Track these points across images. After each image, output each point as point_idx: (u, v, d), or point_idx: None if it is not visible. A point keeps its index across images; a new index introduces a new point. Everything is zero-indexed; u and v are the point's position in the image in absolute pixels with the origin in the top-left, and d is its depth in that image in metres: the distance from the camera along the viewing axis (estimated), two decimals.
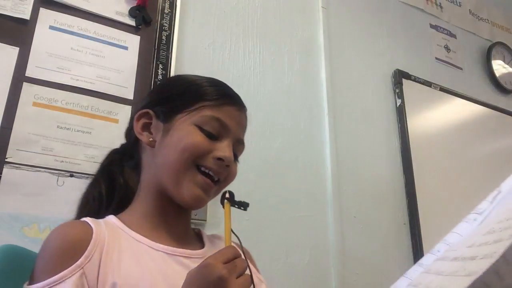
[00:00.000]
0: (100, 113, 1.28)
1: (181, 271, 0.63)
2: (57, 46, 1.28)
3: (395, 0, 2.17)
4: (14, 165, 1.13)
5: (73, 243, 0.60)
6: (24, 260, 0.66)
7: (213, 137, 0.69)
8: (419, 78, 2.03)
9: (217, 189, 0.71)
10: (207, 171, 0.68)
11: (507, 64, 2.47)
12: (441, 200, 1.82)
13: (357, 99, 1.85)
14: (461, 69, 2.29)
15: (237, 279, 0.54)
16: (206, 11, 1.59)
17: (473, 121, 2.16)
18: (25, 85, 1.20)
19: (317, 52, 1.80)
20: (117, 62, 1.35)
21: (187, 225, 0.76)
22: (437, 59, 2.21)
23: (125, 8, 1.41)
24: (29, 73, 1.22)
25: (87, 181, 0.78)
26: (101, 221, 0.67)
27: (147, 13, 1.43)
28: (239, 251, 0.58)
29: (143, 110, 0.74)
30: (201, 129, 0.68)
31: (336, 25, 1.90)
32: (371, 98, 1.89)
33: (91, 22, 1.35)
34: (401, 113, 1.90)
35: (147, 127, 0.73)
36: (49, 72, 1.24)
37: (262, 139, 1.54)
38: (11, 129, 1.15)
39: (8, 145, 1.13)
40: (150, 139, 0.71)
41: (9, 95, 1.17)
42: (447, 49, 2.28)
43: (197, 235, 0.78)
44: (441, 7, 2.36)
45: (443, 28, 2.32)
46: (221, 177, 0.70)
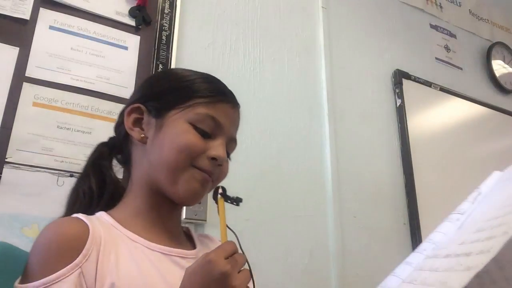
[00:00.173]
0: (100, 113, 1.28)
1: (177, 271, 0.64)
2: (57, 46, 1.28)
3: (395, 0, 2.17)
4: (14, 165, 1.13)
5: (70, 241, 0.58)
6: (14, 258, 0.63)
7: (206, 135, 0.68)
8: (419, 78, 2.03)
9: (211, 186, 0.71)
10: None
11: (507, 64, 2.47)
12: (441, 200, 1.81)
13: (357, 99, 1.85)
14: (461, 69, 2.29)
15: (238, 273, 0.54)
16: (206, 11, 1.59)
17: (473, 121, 2.16)
18: (25, 85, 1.20)
19: (317, 52, 1.80)
20: (117, 62, 1.35)
21: (178, 223, 0.76)
22: (437, 59, 2.21)
23: (125, 8, 1.41)
24: (29, 73, 1.22)
25: None
26: (94, 218, 0.65)
27: (147, 13, 1.43)
28: (237, 246, 0.58)
29: (134, 104, 0.72)
30: (195, 127, 0.67)
31: (336, 25, 1.90)
32: (371, 98, 1.89)
33: (91, 22, 1.35)
34: (401, 113, 1.90)
35: (138, 122, 0.71)
36: (49, 72, 1.24)
37: (262, 139, 1.54)
38: (11, 129, 1.15)
39: (8, 145, 1.13)
40: (141, 136, 0.70)
41: (9, 95, 1.17)
42: (447, 49, 2.28)
43: (185, 234, 0.78)
44: (441, 7, 2.36)
45: (443, 28, 2.32)
46: (214, 177, 0.70)
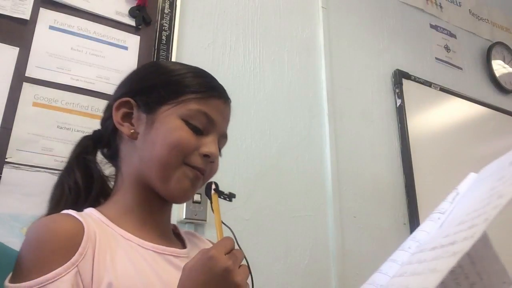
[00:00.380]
0: (100, 113, 1.24)
1: (172, 270, 0.63)
2: (57, 46, 1.28)
3: (395, 0, 2.17)
4: (14, 165, 1.13)
5: (65, 238, 0.56)
6: (6, 257, 0.58)
7: (199, 131, 0.67)
8: (419, 78, 2.03)
9: (202, 183, 0.70)
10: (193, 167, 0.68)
11: (507, 64, 2.47)
12: (441, 200, 1.81)
13: (357, 99, 1.85)
14: (461, 69, 2.29)
15: (239, 269, 0.54)
16: (206, 11, 1.59)
17: (473, 121, 2.16)
18: (25, 85, 1.20)
19: (317, 52, 1.80)
20: (117, 62, 1.35)
21: (168, 221, 0.75)
22: (437, 59, 2.21)
23: (125, 8, 1.41)
24: (29, 73, 1.22)
25: None
26: (85, 214, 0.63)
27: (147, 13, 1.43)
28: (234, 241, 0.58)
29: (123, 98, 0.70)
30: (187, 123, 0.66)
31: (336, 25, 1.90)
32: (371, 98, 1.89)
33: (91, 22, 1.35)
34: (401, 113, 1.90)
35: (127, 117, 0.69)
36: (49, 72, 1.24)
37: (262, 139, 1.54)
38: (11, 129, 1.15)
39: (8, 145, 1.13)
40: (131, 131, 0.68)
41: (9, 95, 1.17)
42: (447, 49, 2.28)
43: (173, 231, 0.77)
44: (441, 7, 2.36)
45: (443, 28, 2.32)
46: (205, 173, 0.69)
